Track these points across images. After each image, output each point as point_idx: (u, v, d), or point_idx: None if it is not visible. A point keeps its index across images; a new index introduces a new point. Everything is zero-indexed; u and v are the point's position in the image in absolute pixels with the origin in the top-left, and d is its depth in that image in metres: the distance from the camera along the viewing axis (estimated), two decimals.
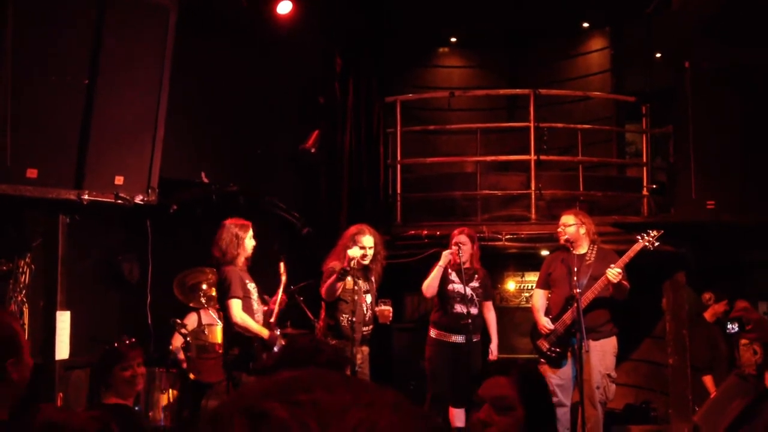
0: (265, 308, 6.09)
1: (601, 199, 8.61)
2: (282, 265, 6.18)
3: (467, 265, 6.61)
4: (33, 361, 2.43)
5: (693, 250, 7.82)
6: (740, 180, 7.19)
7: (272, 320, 6.02)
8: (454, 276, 6.67)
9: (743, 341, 7.38)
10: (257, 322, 5.85)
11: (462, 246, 6.57)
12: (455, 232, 6.73)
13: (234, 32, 7.39)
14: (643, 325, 8.32)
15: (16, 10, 4.64)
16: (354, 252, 6.11)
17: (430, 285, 6.64)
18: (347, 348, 6.00)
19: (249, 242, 5.89)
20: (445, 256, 6.58)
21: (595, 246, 6.31)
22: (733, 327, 7.12)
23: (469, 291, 6.57)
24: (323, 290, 6.24)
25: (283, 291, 6.15)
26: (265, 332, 5.81)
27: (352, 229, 6.43)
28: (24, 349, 2.37)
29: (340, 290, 6.17)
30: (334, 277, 6.13)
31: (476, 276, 6.65)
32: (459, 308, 6.61)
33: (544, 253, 7.51)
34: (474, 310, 6.54)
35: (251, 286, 5.90)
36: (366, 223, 6.57)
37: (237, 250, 5.81)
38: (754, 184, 7.11)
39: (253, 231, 6.03)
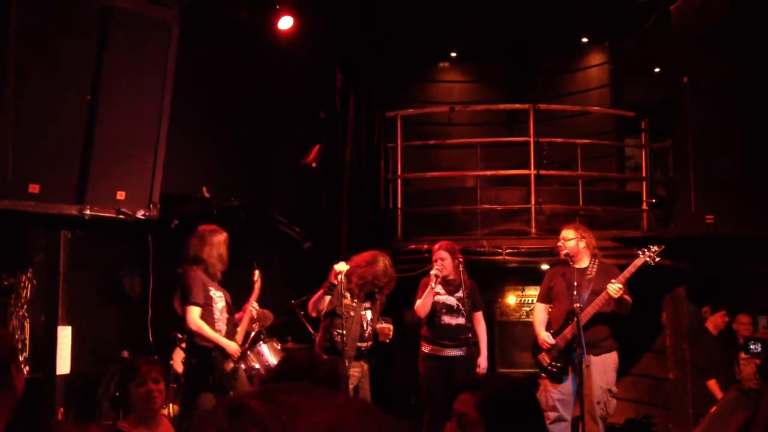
0: (237, 316, 6.06)
1: (600, 214, 8.63)
2: (256, 273, 6.11)
3: (451, 276, 6.61)
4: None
5: (693, 264, 7.82)
6: (740, 194, 7.19)
7: (239, 329, 5.93)
8: (439, 288, 6.69)
9: (744, 355, 7.38)
10: (218, 331, 5.75)
11: (442, 261, 6.57)
12: (435, 247, 6.73)
13: (235, 47, 7.43)
14: (643, 339, 8.32)
15: (18, 27, 4.67)
16: (340, 266, 6.12)
17: (423, 305, 6.61)
18: (340, 363, 5.96)
19: (224, 251, 5.86)
20: (433, 275, 6.58)
21: (597, 260, 6.32)
22: (756, 347, 7.12)
23: (454, 301, 6.58)
24: (310, 303, 6.25)
25: (256, 300, 6.06)
26: (223, 341, 5.71)
27: (380, 266, 6.35)
28: (19, 360, 2.42)
29: (325, 304, 6.16)
30: (321, 290, 6.14)
31: (462, 287, 6.63)
32: (447, 319, 6.61)
33: (545, 267, 7.51)
34: (461, 320, 6.54)
35: (217, 295, 5.82)
36: (387, 255, 6.52)
37: (212, 258, 5.78)
38: (754, 198, 7.11)
39: (255, 243, 6.03)
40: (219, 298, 5.83)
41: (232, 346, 5.76)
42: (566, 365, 6.15)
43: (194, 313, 5.63)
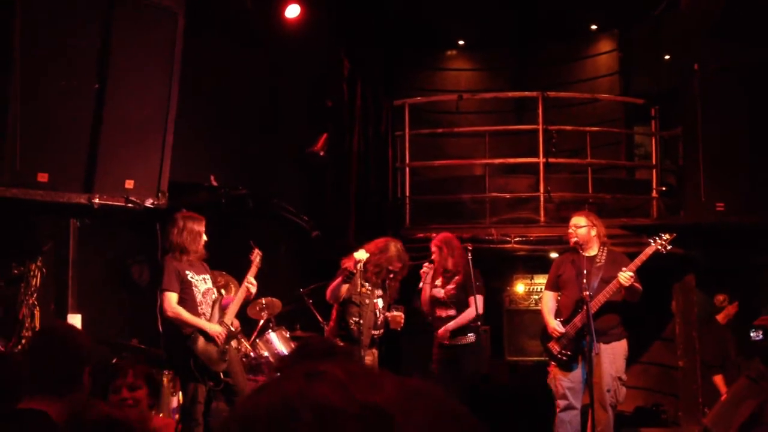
0: (225, 299, 6.02)
1: (610, 202, 8.59)
2: (256, 251, 6.02)
3: (448, 267, 6.63)
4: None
5: (702, 252, 7.79)
6: (749, 182, 7.16)
7: (227, 310, 5.87)
8: (438, 281, 6.74)
9: None
10: (201, 314, 5.72)
11: (433, 254, 6.64)
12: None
13: (242, 35, 7.41)
14: (652, 327, 8.30)
15: (24, 16, 4.66)
16: (360, 255, 6.07)
17: (423, 301, 6.75)
18: (355, 351, 5.97)
19: (199, 236, 5.80)
20: (423, 273, 6.67)
21: (606, 248, 6.28)
22: (757, 335, 7.08)
23: (442, 293, 6.61)
24: (328, 290, 6.22)
25: (254, 276, 5.97)
26: (204, 324, 5.68)
27: (393, 252, 6.29)
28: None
29: (344, 292, 6.15)
30: (340, 278, 6.11)
31: (454, 278, 6.63)
32: (438, 312, 6.66)
33: (553, 255, 7.48)
34: (452, 312, 6.58)
35: (198, 278, 5.78)
36: (398, 241, 6.49)
37: (191, 245, 5.72)
38: (764, 186, 7.08)
39: (262, 232, 6.00)
40: (200, 282, 5.79)
41: (214, 329, 5.70)
42: (576, 353, 6.12)
43: (170, 299, 5.60)
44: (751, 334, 7.38)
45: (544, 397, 6.39)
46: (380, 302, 6.34)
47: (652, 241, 6.11)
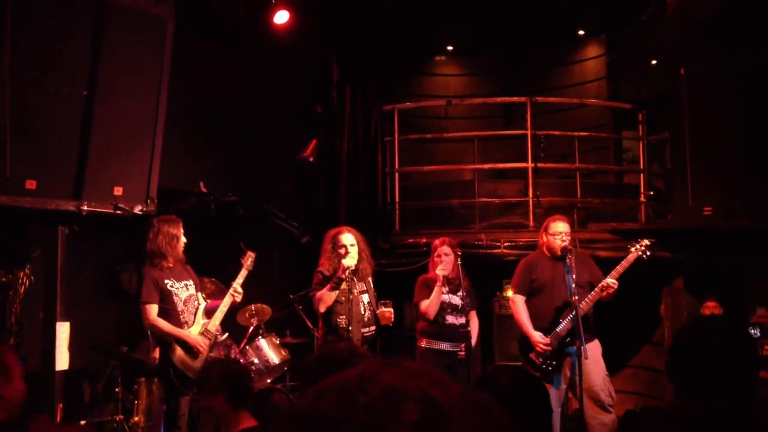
0: (211, 302, 5.97)
1: (598, 206, 8.63)
2: (248, 254, 5.97)
3: (452, 275, 6.43)
4: (26, 387, 2.43)
5: (691, 256, 7.82)
6: (737, 186, 7.20)
7: (207, 320, 5.81)
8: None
9: None
10: (184, 323, 5.70)
11: (446, 256, 6.43)
12: (436, 242, 6.57)
13: (231, 42, 7.42)
14: (641, 331, 8.32)
15: (14, 22, 4.65)
16: (349, 261, 6.01)
17: (433, 306, 6.35)
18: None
19: (176, 239, 5.72)
20: (441, 275, 6.35)
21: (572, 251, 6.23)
22: (755, 332, 7.10)
23: (459, 300, 6.47)
24: (316, 300, 6.07)
25: (241, 285, 5.91)
26: (182, 333, 5.65)
27: (331, 231, 6.32)
28: (13, 372, 2.38)
29: (333, 299, 6.05)
30: (329, 286, 6.04)
31: (462, 286, 6.53)
32: (451, 319, 6.41)
33: None
34: (463, 320, 6.38)
35: (179, 285, 5.74)
36: (347, 226, 6.45)
37: (167, 249, 5.65)
38: (751, 190, 7.12)
39: (252, 238, 5.98)
40: (181, 289, 5.75)
41: (192, 338, 5.67)
42: (560, 362, 6.06)
43: (147, 312, 5.58)
44: (749, 332, 7.40)
45: None
46: (365, 297, 6.24)
47: (631, 247, 6.10)
